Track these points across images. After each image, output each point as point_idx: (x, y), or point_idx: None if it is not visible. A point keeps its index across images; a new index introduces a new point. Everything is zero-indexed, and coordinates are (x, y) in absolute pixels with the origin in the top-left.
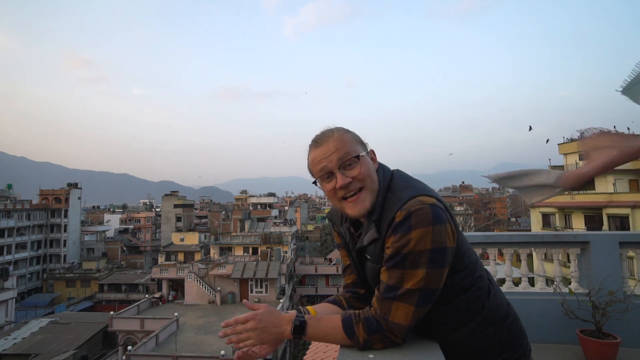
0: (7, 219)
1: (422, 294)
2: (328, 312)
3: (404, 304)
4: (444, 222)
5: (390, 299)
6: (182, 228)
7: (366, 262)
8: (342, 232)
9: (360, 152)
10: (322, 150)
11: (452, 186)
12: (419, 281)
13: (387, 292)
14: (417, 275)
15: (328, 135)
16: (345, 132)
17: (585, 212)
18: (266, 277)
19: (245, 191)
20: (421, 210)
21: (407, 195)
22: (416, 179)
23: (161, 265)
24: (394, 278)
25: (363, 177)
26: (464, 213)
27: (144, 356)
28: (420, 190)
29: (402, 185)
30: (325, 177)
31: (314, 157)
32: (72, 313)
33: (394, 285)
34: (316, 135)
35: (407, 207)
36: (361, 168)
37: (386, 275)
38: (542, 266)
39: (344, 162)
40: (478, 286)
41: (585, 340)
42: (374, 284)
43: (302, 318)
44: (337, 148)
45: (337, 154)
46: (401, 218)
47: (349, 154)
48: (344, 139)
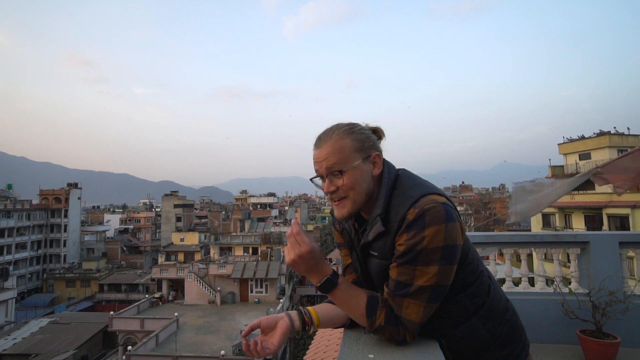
0: (7, 219)
1: (433, 291)
2: (329, 311)
3: (416, 300)
4: (455, 221)
5: (401, 295)
6: (182, 228)
7: (370, 259)
8: (346, 228)
9: (352, 161)
10: (317, 152)
11: (452, 186)
12: (431, 278)
13: (398, 289)
14: (429, 272)
15: (325, 138)
16: (346, 135)
17: (585, 212)
18: (266, 277)
19: (245, 191)
20: (434, 208)
21: (419, 193)
22: (423, 179)
23: (161, 265)
24: (405, 275)
25: (346, 189)
26: (464, 213)
27: (144, 356)
28: (431, 188)
29: (411, 184)
30: (320, 177)
31: (313, 157)
32: (72, 313)
33: (405, 282)
34: (320, 133)
35: (420, 204)
36: (344, 180)
37: (396, 271)
38: (542, 266)
39: (330, 172)
40: (480, 281)
41: (585, 340)
42: (378, 280)
43: (337, 278)
44: (328, 156)
45: (326, 162)
46: (414, 216)
47: (335, 166)
48: (339, 146)
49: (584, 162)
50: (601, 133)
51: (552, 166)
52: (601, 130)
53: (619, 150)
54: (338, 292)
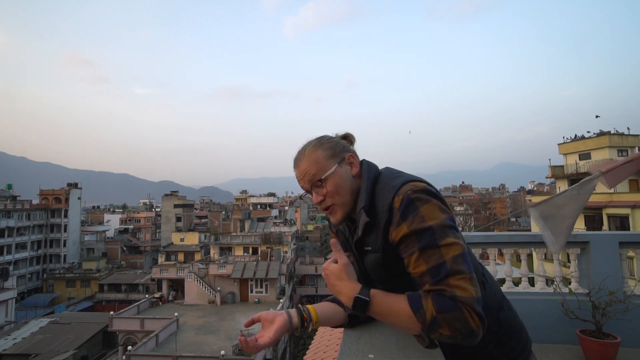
0: (7, 219)
1: (465, 259)
2: (327, 309)
3: (459, 275)
4: (440, 199)
5: (444, 277)
6: (182, 228)
7: (366, 255)
8: (341, 229)
9: (328, 168)
10: (297, 172)
11: (452, 186)
12: (457, 246)
13: (437, 274)
14: (452, 242)
15: (299, 157)
16: (316, 147)
17: (585, 212)
18: (266, 277)
19: (245, 191)
20: (418, 191)
21: (400, 182)
22: (405, 172)
23: (161, 265)
24: (434, 257)
25: (331, 194)
26: (464, 213)
27: (144, 356)
28: (412, 177)
29: (392, 176)
30: (308, 193)
31: (296, 177)
32: (72, 313)
33: (438, 264)
34: (296, 154)
35: (402, 191)
36: (328, 188)
37: (423, 260)
38: (542, 266)
39: (313, 185)
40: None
41: (585, 340)
42: (375, 275)
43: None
44: (307, 171)
45: (306, 177)
46: (400, 202)
47: (315, 177)
48: (313, 159)
49: (584, 162)
50: (601, 133)
51: (552, 166)
52: (601, 130)
53: (619, 150)
54: (375, 307)
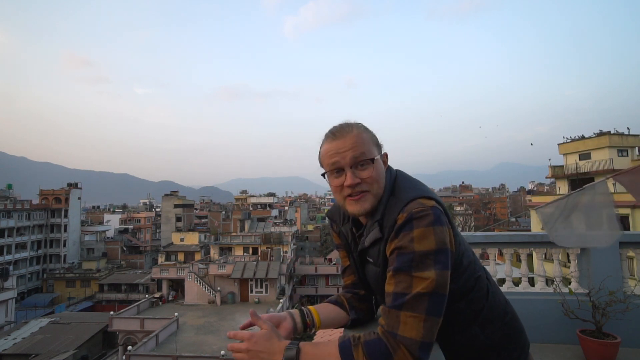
0: (7, 219)
1: (431, 299)
2: (329, 312)
3: (413, 312)
4: (444, 225)
5: (397, 308)
6: (182, 228)
7: (367, 265)
8: (343, 232)
9: (375, 154)
10: (337, 144)
11: (452, 186)
12: (429, 284)
13: (394, 301)
14: (426, 277)
15: (347, 130)
16: (365, 130)
17: None
18: (266, 277)
19: (245, 191)
20: (423, 211)
21: (408, 198)
22: (417, 180)
23: (161, 265)
24: (402, 283)
25: (372, 181)
26: (464, 213)
27: (144, 356)
28: (421, 192)
29: (403, 187)
30: (335, 172)
31: (328, 149)
32: (72, 313)
33: (402, 292)
34: (334, 127)
35: (408, 209)
36: (372, 172)
37: (393, 282)
38: (542, 266)
39: (357, 162)
40: (478, 287)
41: (585, 340)
42: (376, 287)
43: (296, 346)
44: (354, 146)
45: (352, 152)
46: (402, 220)
47: (364, 155)
48: (362, 138)
49: (584, 162)
50: (601, 133)
51: (552, 166)
52: (601, 130)
53: (619, 150)
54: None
